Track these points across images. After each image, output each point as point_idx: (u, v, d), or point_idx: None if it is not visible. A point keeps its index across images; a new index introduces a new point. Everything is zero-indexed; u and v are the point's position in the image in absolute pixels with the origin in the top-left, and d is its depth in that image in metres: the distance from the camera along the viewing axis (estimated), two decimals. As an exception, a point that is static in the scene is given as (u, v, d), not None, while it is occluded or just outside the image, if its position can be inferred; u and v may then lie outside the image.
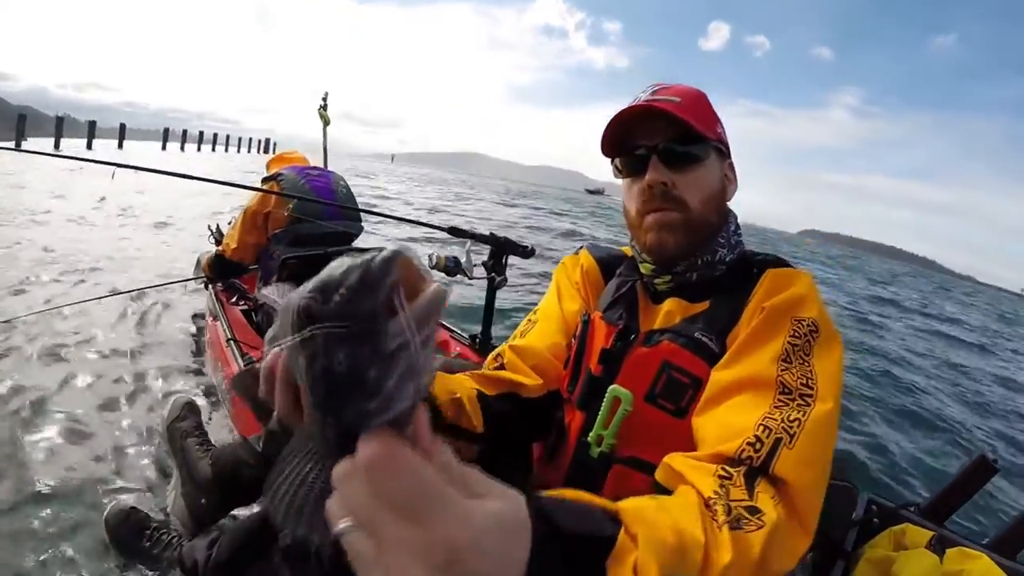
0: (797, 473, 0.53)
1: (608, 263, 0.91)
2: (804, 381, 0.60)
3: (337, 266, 0.26)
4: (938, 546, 0.93)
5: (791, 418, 0.57)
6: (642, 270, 0.82)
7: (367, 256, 0.25)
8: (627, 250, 0.90)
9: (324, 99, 3.10)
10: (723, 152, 0.78)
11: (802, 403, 0.59)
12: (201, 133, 31.71)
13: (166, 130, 25.12)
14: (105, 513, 1.29)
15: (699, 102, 0.75)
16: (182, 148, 25.19)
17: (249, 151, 36.71)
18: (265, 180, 2.22)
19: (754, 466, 0.54)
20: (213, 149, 31.79)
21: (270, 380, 0.37)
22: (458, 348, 2.04)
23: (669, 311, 0.76)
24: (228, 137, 35.13)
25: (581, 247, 0.96)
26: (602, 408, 0.71)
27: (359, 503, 0.24)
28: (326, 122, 3.10)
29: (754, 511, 0.49)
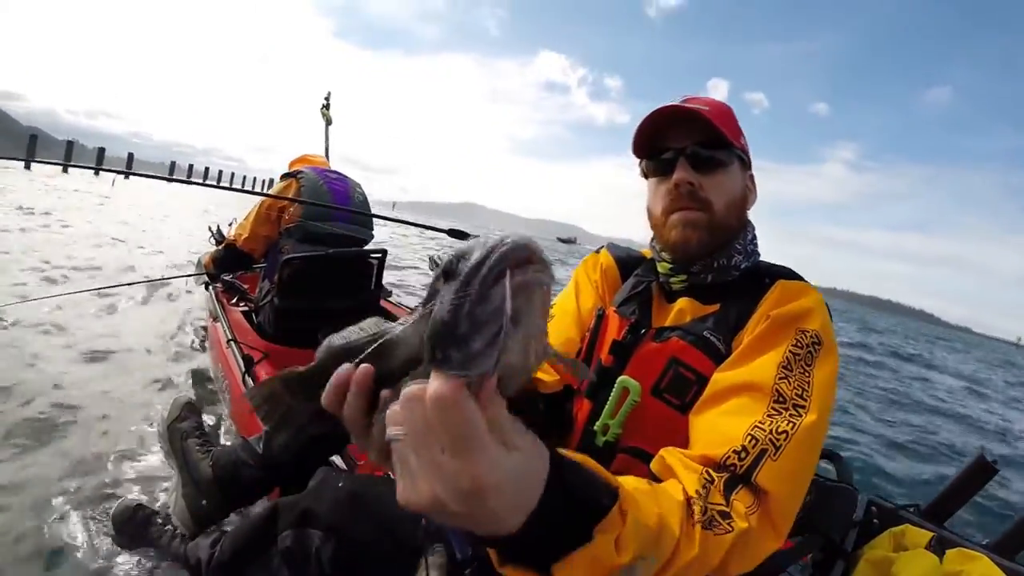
0: (777, 484, 0.56)
1: (627, 263, 0.94)
2: (799, 392, 0.62)
3: (482, 239, 0.31)
4: (938, 547, 0.94)
5: (779, 430, 0.59)
6: (659, 269, 0.84)
7: (499, 238, 0.30)
8: (646, 252, 0.93)
9: (327, 98, 3.11)
10: (745, 162, 0.81)
11: (794, 413, 0.60)
12: (207, 169, 31.43)
13: (172, 163, 25.24)
14: (112, 510, 1.30)
15: (726, 113, 0.79)
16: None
17: (253, 189, 36.60)
18: (285, 176, 2.24)
19: (736, 474, 0.57)
20: (218, 185, 31.44)
21: (340, 391, 0.38)
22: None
23: (681, 309, 0.79)
24: (233, 175, 34.54)
25: (601, 247, 0.99)
26: (610, 398, 0.73)
27: (415, 423, 0.29)
28: (328, 121, 3.11)
29: (726, 516, 0.52)
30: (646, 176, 0.84)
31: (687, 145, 0.77)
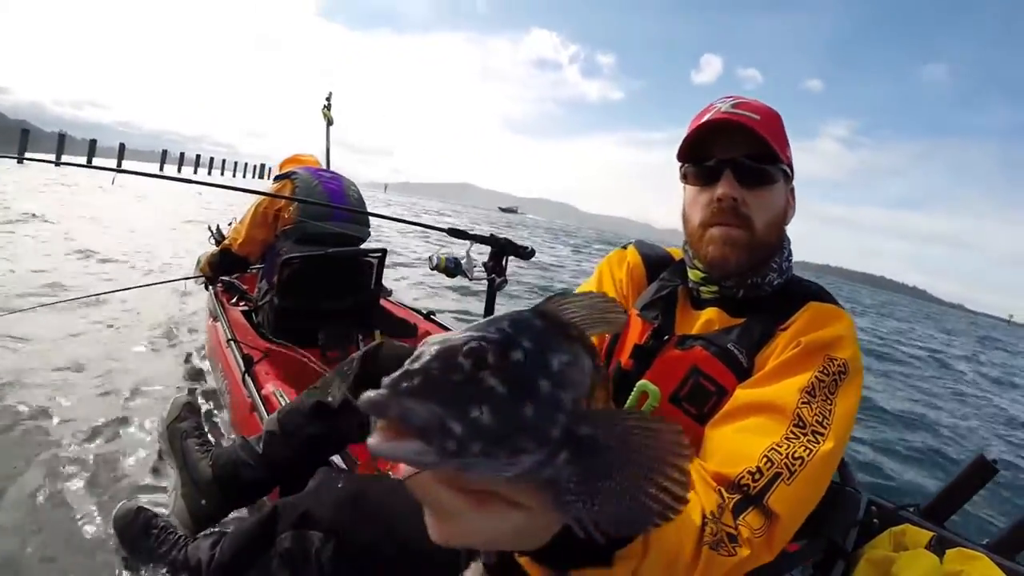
0: (788, 509, 0.56)
1: (654, 263, 0.92)
2: (820, 419, 0.62)
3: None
4: (938, 547, 0.93)
5: (796, 455, 0.59)
6: (690, 275, 0.83)
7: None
8: (675, 252, 0.91)
9: (328, 99, 3.10)
10: (788, 176, 0.79)
11: (812, 440, 0.60)
12: (198, 156, 31.59)
13: (164, 152, 25.41)
14: (113, 512, 1.30)
15: (777, 122, 0.76)
16: (179, 171, 25.31)
17: (245, 176, 36.43)
18: (278, 178, 2.23)
19: (750, 495, 0.57)
20: (209, 172, 31.41)
21: None
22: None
23: (709, 319, 0.78)
24: (224, 162, 34.81)
25: (629, 243, 0.97)
26: (628, 402, 0.72)
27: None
28: (329, 122, 3.11)
29: (733, 539, 0.53)
30: (685, 180, 0.81)
31: (735, 156, 0.73)
